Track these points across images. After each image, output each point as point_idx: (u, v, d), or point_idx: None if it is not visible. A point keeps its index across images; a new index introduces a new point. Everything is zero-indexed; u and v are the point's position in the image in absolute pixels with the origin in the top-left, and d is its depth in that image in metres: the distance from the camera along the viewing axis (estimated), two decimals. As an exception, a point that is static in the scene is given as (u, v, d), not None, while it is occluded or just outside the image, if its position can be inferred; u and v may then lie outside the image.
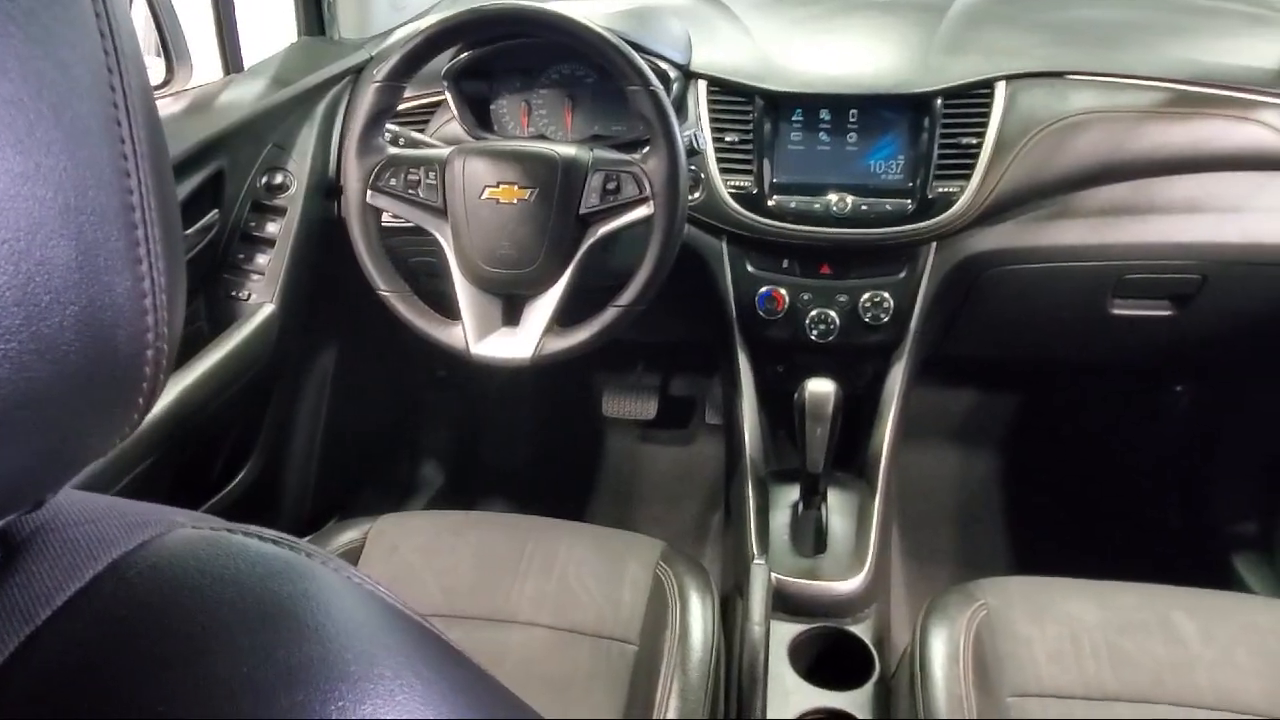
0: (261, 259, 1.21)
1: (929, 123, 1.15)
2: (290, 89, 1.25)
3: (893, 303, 1.21)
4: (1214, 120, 1.14)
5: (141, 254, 0.27)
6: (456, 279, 1.07)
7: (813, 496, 1.18)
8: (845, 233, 1.18)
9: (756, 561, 1.04)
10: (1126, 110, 1.14)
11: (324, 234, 1.26)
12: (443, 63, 1.20)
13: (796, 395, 1.10)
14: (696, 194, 1.20)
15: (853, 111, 1.17)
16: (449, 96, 1.23)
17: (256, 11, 1.34)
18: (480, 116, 1.27)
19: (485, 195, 1.03)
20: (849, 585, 1.11)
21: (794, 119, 1.19)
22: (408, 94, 1.11)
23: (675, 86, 1.18)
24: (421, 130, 1.26)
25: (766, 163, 1.19)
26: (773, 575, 1.07)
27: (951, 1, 1.31)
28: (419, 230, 1.08)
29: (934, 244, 1.20)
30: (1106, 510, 1.64)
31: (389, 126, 1.12)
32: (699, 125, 1.19)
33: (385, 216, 1.10)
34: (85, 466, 0.29)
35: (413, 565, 0.97)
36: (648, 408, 1.80)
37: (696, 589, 0.94)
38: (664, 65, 1.18)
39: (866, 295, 1.21)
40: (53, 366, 0.24)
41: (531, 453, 1.89)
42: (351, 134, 1.06)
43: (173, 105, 1.18)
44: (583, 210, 1.03)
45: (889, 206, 1.17)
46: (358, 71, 1.35)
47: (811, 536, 1.17)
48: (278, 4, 1.41)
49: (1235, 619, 0.87)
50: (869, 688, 1.01)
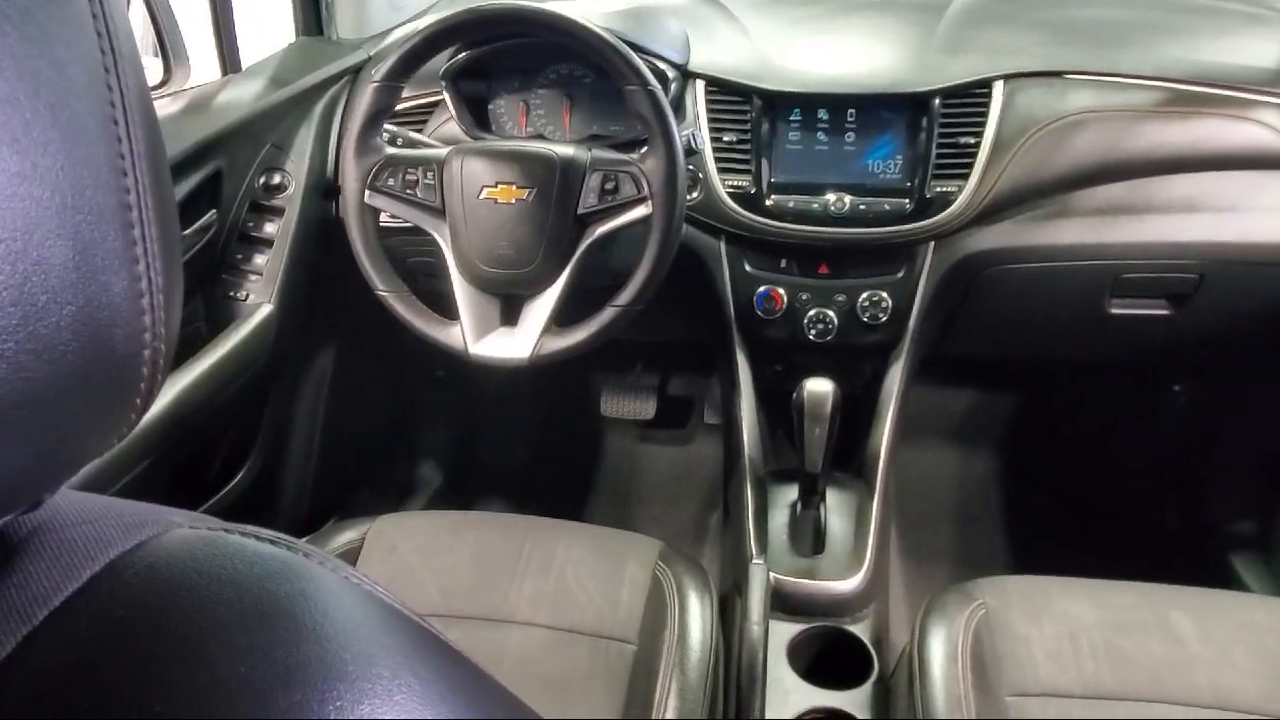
0: (259, 259, 1.21)
1: (927, 122, 1.15)
2: (288, 89, 1.25)
3: (891, 302, 1.21)
4: (1212, 120, 1.14)
5: (138, 254, 0.27)
6: (455, 279, 1.07)
7: (811, 496, 1.18)
8: (843, 232, 1.18)
9: (755, 561, 1.04)
10: (1124, 109, 1.14)
11: (322, 234, 1.26)
12: (441, 63, 1.20)
13: (795, 395, 1.10)
14: (694, 194, 1.20)
15: (851, 111, 1.17)
16: (447, 96, 1.23)
17: (254, 12, 1.34)
18: (478, 116, 1.27)
19: (483, 195, 1.03)
20: (847, 585, 1.11)
21: (792, 119, 1.19)
22: (406, 94, 1.11)
23: (673, 86, 1.18)
24: (419, 130, 1.26)
25: (764, 162, 1.19)
26: (771, 575, 1.08)
27: (949, 1, 1.31)
28: (417, 230, 1.08)
29: (932, 243, 1.20)
30: (1104, 509, 1.64)
31: (387, 126, 1.12)
32: (697, 125, 1.19)
33: (383, 216, 1.10)
34: (83, 467, 0.29)
35: (411, 565, 0.97)
36: (646, 408, 1.80)
37: (695, 589, 0.94)
38: (662, 65, 1.18)
39: (865, 295, 1.21)
40: (50, 366, 0.24)
41: (530, 453, 1.89)
42: (349, 134, 1.05)
43: (170, 105, 1.18)
44: (581, 210, 1.03)
45: (887, 206, 1.17)
46: (356, 72, 1.35)
47: (810, 536, 1.18)
48: (275, 4, 1.41)
49: (1233, 618, 0.87)
50: (867, 687, 1.01)
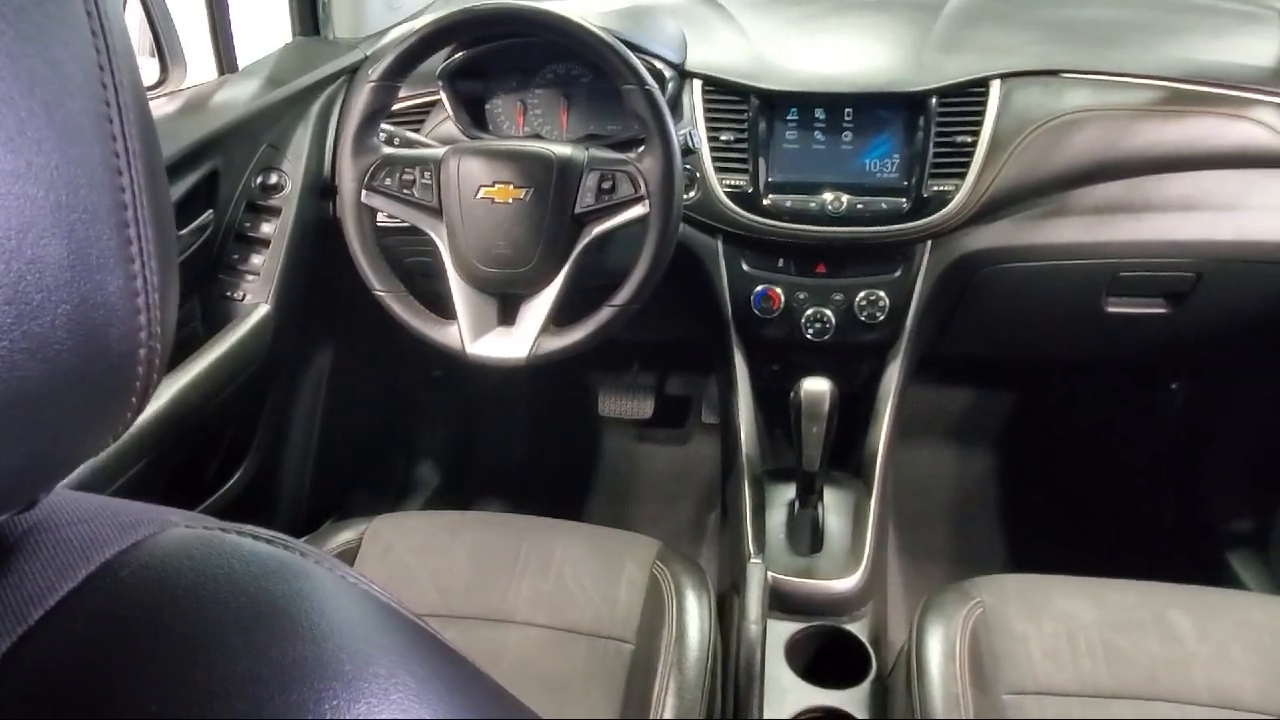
0: (256, 259, 1.21)
1: (924, 121, 1.15)
2: (285, 89, 1.25)
3: (888, 301, 1.21)
4: (1209, 118, 1.14)
5: (134, 253, 0.27)
6: (452, 279, 1.07)
7: (809, 495, 1.18)
8: (840, 231, 1.18)
9: (753, 560, 1.04)
10: (1121, 108, 1.15)
11: (319, 234, 1.26)
12: (438, 62, 1.20)
13: (792, 394, 1.10)
14: (692, 193, 1.20)
15: (848, 110, 1.17)
16: (444, 96, 1.23)
17: (251, 12, 1.34)
18: (475, 116, 1.27)
19: (480, 195, 1.03)
20: (845, 584, 1.11)
21: (789, 118, 1.19)
22: (403, 94, 1.11)
23: (670, 86, 1.18)
24: (416, 130, 1.26)
25: (762, 162, 1.19)
26: (769, 574, 1.08)
27: (946, 0, 1.32)
28: (414, 230, 1.08)
29: (929, 242, 1.20)
30: (1102, 508, 1.64)
31: (384, 126, 1.12)
32: (694, 124, 1.19)
33: (380, 216, 1.09)
34: (78, 466, 0.29)
35: (409, 565, 0.97)
36: (644, 407, 1.80)
37: (693, 588, 0.94)
38: (659, 64, 1.17)
39: (862, 294, 1.21)
40: (44, 365, 0.24)
41: (527, 452, 1.89)
42: (346, 134, 1.05)
43: (167, 105, 1.18)
44: (578, 210, 1.03)
45: (884, 205, 1.17)
46: (352, 71, 1.35)
47: (808, 535, 1.18)
48: (272, 4, 1.41)
49: (1230, 616, 0.87)
50: (865, 686, 1.01)
